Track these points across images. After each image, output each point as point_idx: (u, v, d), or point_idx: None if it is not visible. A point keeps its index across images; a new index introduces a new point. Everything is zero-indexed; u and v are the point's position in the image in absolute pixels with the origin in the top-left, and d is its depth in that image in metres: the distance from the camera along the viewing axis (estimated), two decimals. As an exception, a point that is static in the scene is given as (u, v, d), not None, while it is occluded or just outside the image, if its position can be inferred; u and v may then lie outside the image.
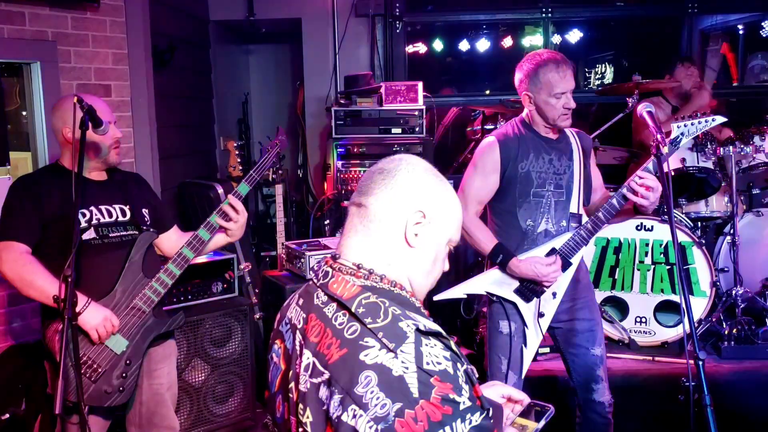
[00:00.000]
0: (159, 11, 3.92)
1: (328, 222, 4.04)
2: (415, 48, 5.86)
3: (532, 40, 5.83)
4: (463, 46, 6.09)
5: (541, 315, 2.43)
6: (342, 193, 3.96)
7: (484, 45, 5.94)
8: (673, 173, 3.63)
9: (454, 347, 1.09)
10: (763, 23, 5.52)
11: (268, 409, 1.29)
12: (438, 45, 6.03)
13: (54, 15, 3.22)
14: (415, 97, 4.08)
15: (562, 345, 2.58)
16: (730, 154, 3.60)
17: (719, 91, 5.78)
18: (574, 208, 2.46)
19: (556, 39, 5.44)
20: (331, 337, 1.10)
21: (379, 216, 1.19)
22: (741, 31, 5.81)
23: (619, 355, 3.50)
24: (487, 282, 2.46)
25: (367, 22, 5.09)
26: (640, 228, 3.62)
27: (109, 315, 2.16)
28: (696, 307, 3.57)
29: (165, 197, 3.85)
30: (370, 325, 1.07)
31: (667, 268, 3.59)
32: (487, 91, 5.80)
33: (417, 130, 4.05)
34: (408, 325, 1.06)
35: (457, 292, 2.49)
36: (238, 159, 4.14)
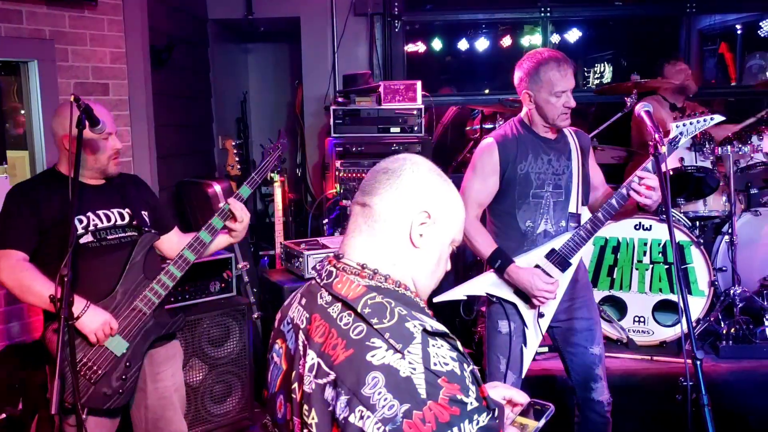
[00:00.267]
0: (157, 10, 3.90)
1: (326, 221, 4.04)
2: (414, 47, 5.85)
3: (531, 39, 5.82)
4: (462, 45, 6.09)
5: (541, 315, 2.43)
6: (340, 193, 3.95)
7: (483, 44, 5.93)
8: (671, 173, 3.63)
9: (460, 348, 1.09)
10: (761, 23, 5.53)
11: (267, 409, 1.28)
12: (437, 44, 6.01)
13: (51, 13, 3.20)
14: (413, 96, 4.07)
15: (561, 344, 2.58)
16: (728, 153, 3.61)
17: (717, 91, 5.79)
18: (573, 208, 2.46)
19: (555, 38, 5.44)
20: (337, 337, 1.09)
21: (383, 216, 1.18)
22: (739, 31, 5.82)
23: (617, 354, 3.50)
24: (487, 283, 2.46)
25: (365, 21, 5.08)
26: (638, 227, 3.62)
27: (108, 318, 2.15)
28: (694, 307, 3.57)
29: (163, 196, 3.84)
30: (376, 326, 1.06)
31: (666, 267, 3.59)
32: (486, 90, 5.79)
33: (416, 129, 4.05)
34: (415, 325, 1.06)
35: (457, 294, 2.48)
36: (237, 158, 4.13)
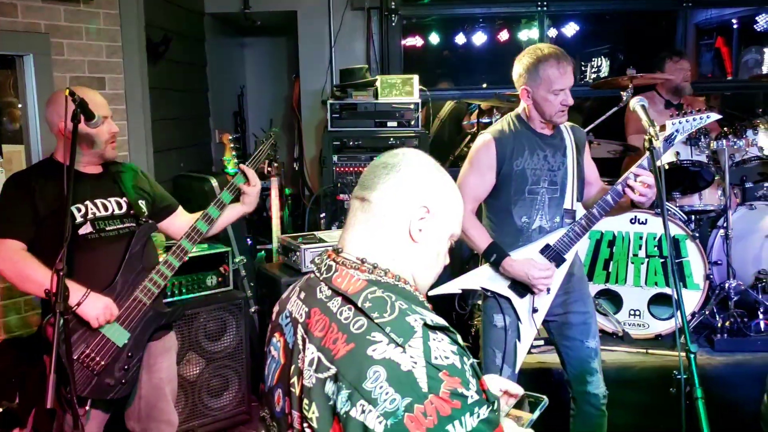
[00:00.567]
0: (153, 3, 3.89)
1: (323, 215, 4.04)
2: (412, 41, 5.84)
3: (529, 33, 5.81)
4: (460, 39, 6.07)
5: (535, 310, 2.44)
6: (338, 187, 3.96)
7: (480, 38, 5.91)
8: (666, 167, 3.63)
9: (460, 341, 1.09)
10: (757, 17, 5.53)
11: (264, 402, 1.28)
12: (434, 38, 6.00)
13: (47, 7, 3.19)
14: (410, 90, 4.07)
15: (557, 338, 2.59)
16: (724, 147, 3.61)
17: (714, 85, 5.80)
18: (568, 204, 2.46)
19: (552, 32, 5.42)
20: (337, 331, 1.09)
21: (382, 211, 1.18)
22: (735, 26, 5.82)
23: (612, 347, 3.51)
24: (482, 277, 2.47)
25: (362, 15, 5.07)
26: (634, 221, 3.63)
27: (109, 302, 2.17)
28: (689, 300, 3.59)
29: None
30: (377, 320, 1.06)
31: (661, 261, 3.60)
32: (484, 85, 5.78)
33: (413, 123, 4.05)
34: (415, 319, 1.06)
35: (452, 287, 2.49)
36: (233, 152, 4.12)
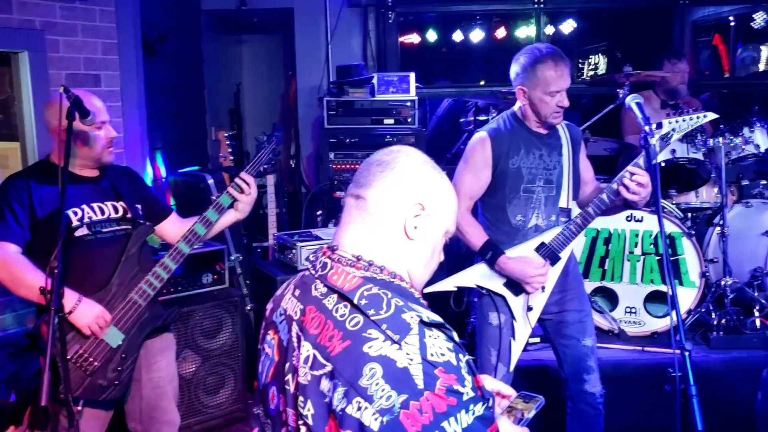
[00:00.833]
0: (149, 0, 3.88)
1: (320, 213, 4.04)
2: (409, 38, 5.83)
3: (526, 30, 5.81)
4: (457, 36, 6.06)
5: (529, 309, 2.44)
6: (334, 184, 3.95)
7: (477, 36, 5.91)
8: (663, 164, 3.64)
9: (456, 338, 1.09)
10: (754, 15, 5.53)
11: (257, 400, 1.28)
12: (431, 35, 5.98)
13: (42, 3, 3.17)
14: (407, 87, 4.07)
15: (553, 336, 2.59)
16: (720, 145, 3.62)
17: (710, 83, 5.80)
18: (563, 203, 2.47)
19: (549, 30, 5.42)
20: (333, 329, 1.09)
21: (378, 208, 1.18)
22: (732, 23, 5.82)
23: (608, 345, 3.52)
24: (477, 275, 2.47)
25: (359, 12, 5.06)
26: (630, 219, 3.64)
27: (100, 311, 2.15)
28: (685, 298, 3.60)
29: (155, 188, 3.83)
30: (373, 317, 1.06)
31: (657, 258, 3.61)
32: (482, 82, 5.78)
33: (409, 120, 4.04)
34: (411, 316, 1.06)
35: (447, 285, 2.49)
36: (229, 149, 4.12)
